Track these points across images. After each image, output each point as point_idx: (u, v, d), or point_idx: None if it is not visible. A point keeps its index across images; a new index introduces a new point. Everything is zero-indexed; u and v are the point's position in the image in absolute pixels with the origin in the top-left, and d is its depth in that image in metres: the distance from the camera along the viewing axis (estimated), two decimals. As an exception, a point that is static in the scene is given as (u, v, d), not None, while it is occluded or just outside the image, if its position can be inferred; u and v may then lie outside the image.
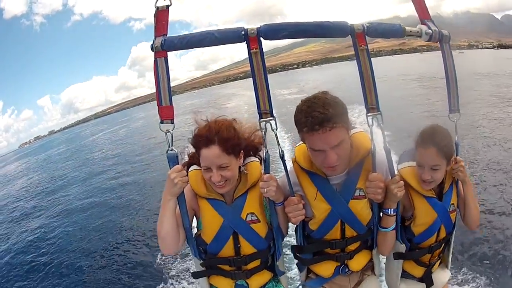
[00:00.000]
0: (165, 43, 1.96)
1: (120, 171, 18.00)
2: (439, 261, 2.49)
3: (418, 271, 2.44)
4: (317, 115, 1.84)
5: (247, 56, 2.00)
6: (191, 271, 2.34)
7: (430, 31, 2.11)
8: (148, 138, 27.75)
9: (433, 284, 2.45)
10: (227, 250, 2.14)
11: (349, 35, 2.01)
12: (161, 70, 1.97)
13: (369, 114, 1.99)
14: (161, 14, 1.98)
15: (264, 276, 2.31)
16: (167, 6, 1.97)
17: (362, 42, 2.00)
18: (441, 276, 2.52)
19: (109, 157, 24.21)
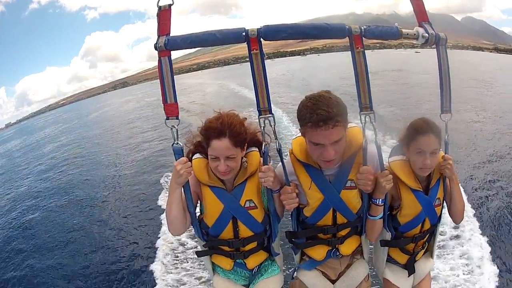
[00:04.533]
0: (169, 42, 2.06)
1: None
2: (423, 250, 2.66)
3: (402, 258, 2.62)
4: (322, 113, 1.99)
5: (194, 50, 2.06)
6: (195, 251, 2.59)
7: (427, 34, 2.18)
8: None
9: (414, 272, 2.63)
10: (227, 233, 2.36)
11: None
12: (165, 69, 2.09)
13: (362, 112, 2.14)
14: (164, 14, 2.06)
15: (260, 256, 2.53)
16: (169, 6, 2.04)
17: (359, 44, 2.10)
18: (425, 265, 2.70)
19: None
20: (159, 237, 7.36)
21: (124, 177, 13.00)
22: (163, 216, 8.11)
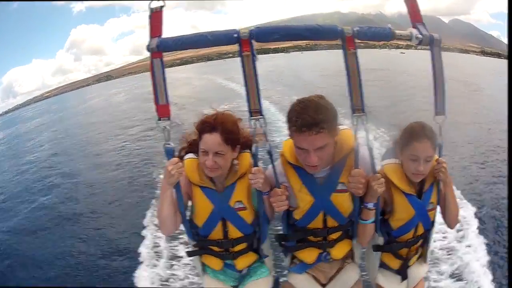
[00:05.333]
0: (161, 44, 2.06)
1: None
2: (416, 255, 2.61)
3: (395, 263, 2.57)
4: (307, 118, 1.98)
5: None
6: (186, 250, 2.63)
7: (420, 35, 2.16)
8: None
9: (407, 277, 2.58)
10: (216, 233, 2.37)
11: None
12: (157, 70, 2.10)
13: (354, 114, 2.11)
14: (155, 16, 2.06)
15: (250, 257, 2.51)
16: (161, 7, 2.05)
17: (351, 45, 2.08)
18: (418, 270, 2.64)
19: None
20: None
21: (126, 162, 13.09)
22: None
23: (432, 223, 2.47)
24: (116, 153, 14.41)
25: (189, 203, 2.41)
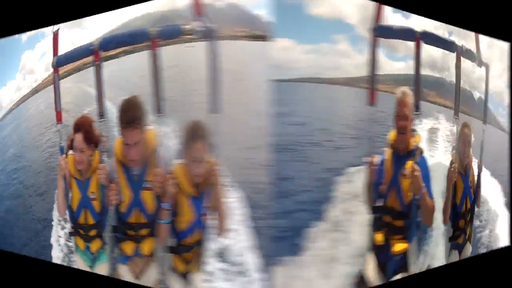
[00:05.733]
0: (58, 61, 2.61)
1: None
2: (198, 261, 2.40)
3: (181, 267, 2.39)
4: (128, 115, 2.19)
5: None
6: (68, 231, 2.89)
7: (200, 28, 2.15)
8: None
9: (191, 283, 2.40)
10: (81, 218, 2.69)
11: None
12: (56, 83, 2.66)
13: (156, 115, 2.30)
14: (56, 37, 2.60)
15: (98, 243, 2.72)
16: (58, 30, 2.60)
17: (154, 46, 2.26)
18: (199, 278, 2.44)
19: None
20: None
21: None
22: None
23: (205, 229, 2.30)
24: (45, 145, 14.94)
25: None
